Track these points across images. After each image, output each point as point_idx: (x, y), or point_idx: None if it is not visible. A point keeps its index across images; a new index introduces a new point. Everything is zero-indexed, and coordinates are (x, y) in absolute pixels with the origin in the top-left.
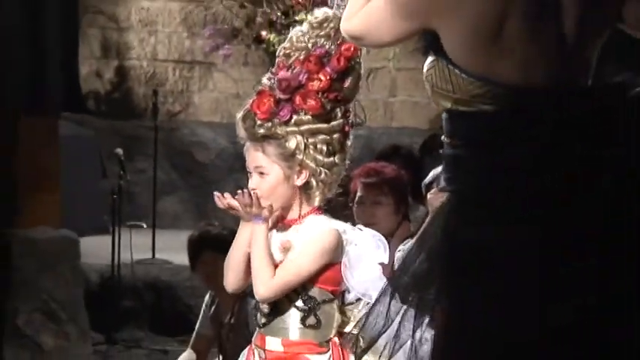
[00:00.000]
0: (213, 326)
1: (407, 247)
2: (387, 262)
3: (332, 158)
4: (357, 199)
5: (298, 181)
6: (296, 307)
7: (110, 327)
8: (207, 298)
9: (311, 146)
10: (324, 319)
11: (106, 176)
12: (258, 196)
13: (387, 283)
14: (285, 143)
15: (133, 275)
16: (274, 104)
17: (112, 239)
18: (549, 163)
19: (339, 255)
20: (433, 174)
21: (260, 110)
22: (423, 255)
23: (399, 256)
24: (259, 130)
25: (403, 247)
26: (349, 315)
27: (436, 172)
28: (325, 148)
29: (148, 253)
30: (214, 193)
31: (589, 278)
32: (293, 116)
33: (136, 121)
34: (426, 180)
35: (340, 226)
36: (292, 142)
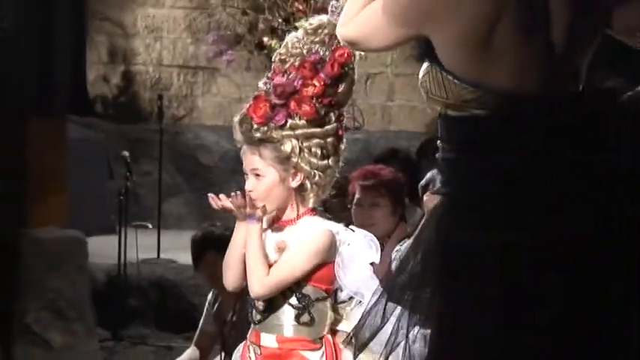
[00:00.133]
0: (216, 323)
1: (404, 248)
2: (378, 262)
3: (326, 161)
4: (356, 201)
5: (293, 183)
6: (290, 305)
7: (116, 324)
8: (210, 296)
9: (305, 150)
10: (317, 317)
11: (112, 178)
12: (251, 198)
13: (383, 282)
14: (281, 147)
15: (138, 274)
16: (270, 109)
17: (119, 239)
18: (541, 169)
19: (332, 255)
20: (429, 176)
21: (256, 115)
22: (419, 256)
23: (396, 256)
24: (256, 134)
25: (400, 247)
26: (342, 313)
27: (432, 174)
28: (319, 152)
29: (153, 253)
30: (209, 195)
31: (580, 283)
32: (288, 121)
33: (142, 124)
34: (422, 182)
35: (334, 226)
36: (287, 146)
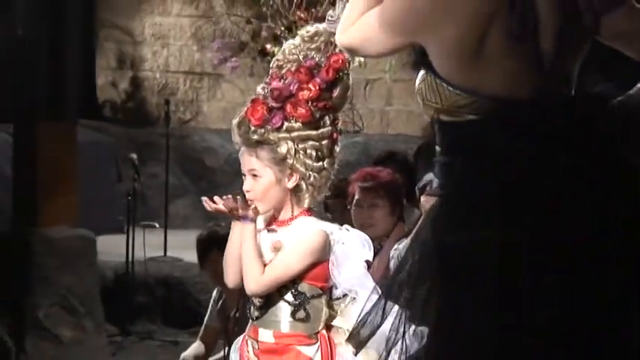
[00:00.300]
0: (220, 319)
1: (402, 247)
2: (371, 260)
3: (321, 163)
4: (355, 202)
5: (289, 184)
6: (287, 302)
7: (124, 320)
8: (214, 293)
9: (301, 151)
10: (313, 313)
11: (121, 180)
12: (244, 199)
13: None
14: (277, 148)
15: (146, 272)
16: (267, 112)
17: (127, 238)
18: (534, 172)
19: (326, 254)
20: (426, 178)
21: (254, 117)
22: (416, 256)
23: (394, 255)
24: (253, 136)
25: (398, 247)
26: (336, 309)
27: (429, 176)
28: (314, 154)
29: (160, 251)
30: (202, 198)
31: (576, 284)
32: (284, 123)
33: (149, 128)
34: (420, 184)
35: (328, 227)
36: (283, 148)
